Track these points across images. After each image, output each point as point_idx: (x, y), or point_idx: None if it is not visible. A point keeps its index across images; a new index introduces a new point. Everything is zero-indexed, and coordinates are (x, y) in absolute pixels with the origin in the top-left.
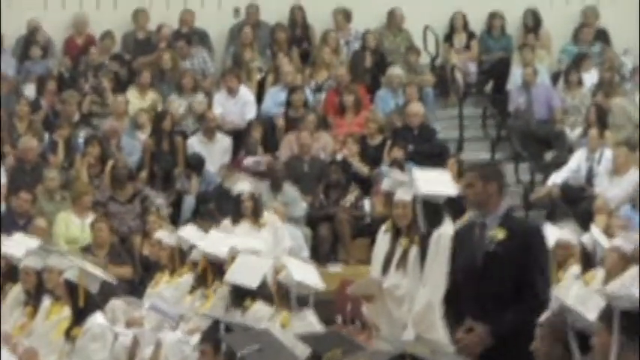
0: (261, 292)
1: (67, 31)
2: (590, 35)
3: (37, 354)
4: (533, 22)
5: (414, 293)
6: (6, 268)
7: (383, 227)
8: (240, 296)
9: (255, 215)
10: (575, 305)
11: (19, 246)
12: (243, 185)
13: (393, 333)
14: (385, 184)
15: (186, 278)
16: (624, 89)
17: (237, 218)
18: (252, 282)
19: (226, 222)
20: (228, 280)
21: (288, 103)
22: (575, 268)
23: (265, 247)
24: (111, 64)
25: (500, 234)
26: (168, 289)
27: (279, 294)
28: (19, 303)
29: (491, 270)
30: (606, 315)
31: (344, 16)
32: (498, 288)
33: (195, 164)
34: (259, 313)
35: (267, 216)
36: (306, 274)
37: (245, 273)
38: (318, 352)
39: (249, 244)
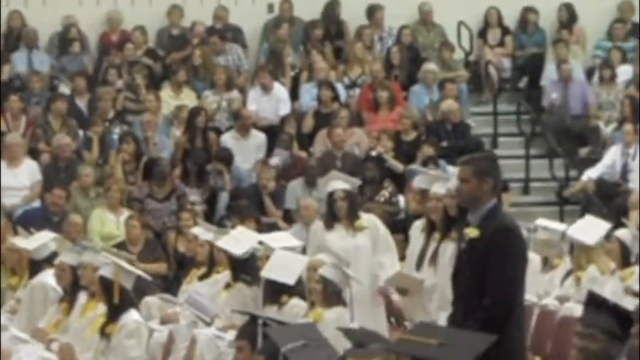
0: (298, 289)
1: (101, 27)
2: (626, 31)
3: (73, 350)
4: (568, 17)
5: (446, 289)
6: (27, 262)
7: (417, 223)
8: (276, 292)
9: (351, 217)
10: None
11: (32, 240)
12: (336, 183)
13: None
14: (417, 181)
15: (224, 275)
16: None
17: (330, 221)
18: (289, 278)
19: (318, 224)
20: (266, 277)
21: (319, 99)
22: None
23: (364, 253)
24: (144, 60)
25: (473, 233)
26: (205, 286)
27: (325, 289)
28: (44, 300)
29: (461, 270)
30: None
31: (378, 12)
32: (467, 289)
33: (225, 159)
34: (295, 309)
35: (367, 218)
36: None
37: (282, 269)
38: (362, 345)
39: (279, 241)
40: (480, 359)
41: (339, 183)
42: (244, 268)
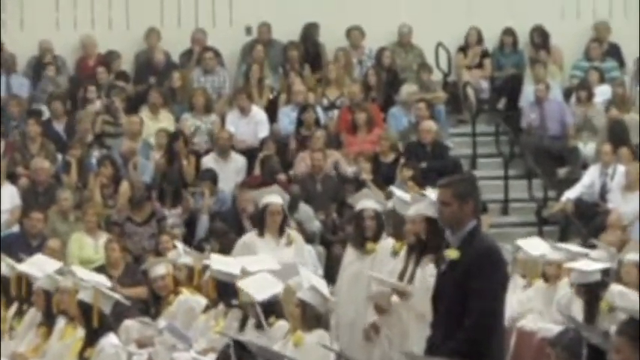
0: (281, 311)
1: (78, 51)
2: (602, 50)
3: None
4: (540, 39)
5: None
6: (26, 289)
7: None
8: (266, 313)
9: (375, 239)
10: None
11: (38, 267)
12: (367, 202)
13: (405, 346)
14: (391, 204)
15: (177, 303)
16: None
17: (360, 240)
18: (257, 295)
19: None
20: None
21: (300, 122)
22: None
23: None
24: (118, 82)
25: (453, 254)
26: (169, 318)
27: (304, 313)
28: (34, 324)
29: (442, 291)
30: (628, 329)
31: (357, 34)
32: (448, 311)
33: (210, 179)
34: (281, 330)
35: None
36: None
37: (255, 287)
38: None
39: (261, 265)
40: None
41: (370, 202)
42: (234, 292)
